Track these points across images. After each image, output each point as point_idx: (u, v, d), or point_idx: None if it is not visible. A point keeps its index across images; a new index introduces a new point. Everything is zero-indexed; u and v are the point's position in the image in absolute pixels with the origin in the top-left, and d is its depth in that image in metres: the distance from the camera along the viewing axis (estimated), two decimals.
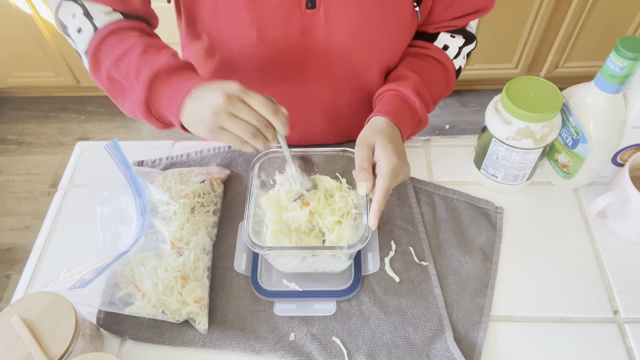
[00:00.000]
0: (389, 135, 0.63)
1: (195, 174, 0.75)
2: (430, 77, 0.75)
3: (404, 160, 0.62)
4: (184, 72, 0.62)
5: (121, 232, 0.68)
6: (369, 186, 0.60)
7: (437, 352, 0.62)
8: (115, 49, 0.63)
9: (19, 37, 1.90)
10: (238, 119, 0.56)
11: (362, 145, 0.62)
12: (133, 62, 0.61)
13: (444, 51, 0.77)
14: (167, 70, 0.60)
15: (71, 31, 0.66)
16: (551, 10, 1.73)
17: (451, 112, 2.14)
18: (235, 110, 0.56)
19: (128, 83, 0.63)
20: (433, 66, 0.76)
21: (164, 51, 0.63)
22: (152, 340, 0.65)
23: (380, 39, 0.70)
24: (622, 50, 0.59)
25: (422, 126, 0.75)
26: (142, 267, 0.65)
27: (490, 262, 0.70)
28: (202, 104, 0.57)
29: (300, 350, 0.63)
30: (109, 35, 0.64)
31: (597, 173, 0.74)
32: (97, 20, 0.64)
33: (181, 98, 0.58)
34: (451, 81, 0.79)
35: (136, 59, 0.61)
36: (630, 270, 0.70)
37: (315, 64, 0.72)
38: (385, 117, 0.67)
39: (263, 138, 0.59)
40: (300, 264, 0.66)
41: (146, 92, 0.60)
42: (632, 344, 0.63)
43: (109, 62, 0.63)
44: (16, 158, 2.08)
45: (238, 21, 0.66)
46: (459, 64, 0.79)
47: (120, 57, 0.62)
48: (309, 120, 0.82)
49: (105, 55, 0.64)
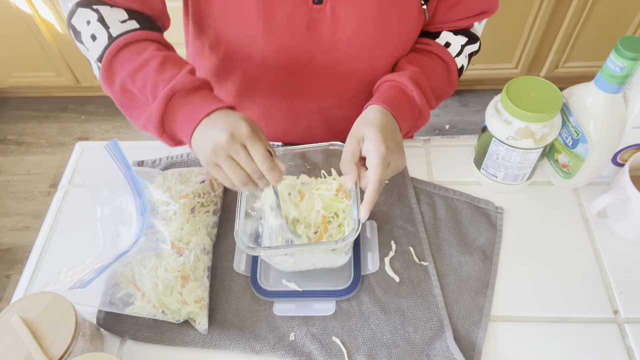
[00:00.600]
0: (379, 125, 0.61)
1: (195, 174, 0.75)
2: (431, 70, 0.74)
3: (395, 149, 0.61)
4: (202, 91, 0.61)
5: (121, 232, 0.68)
6: (353, 179, 0.60)
7: (437, 352, 0.62)
8: (131, 61, 0.62)
9: (19, 37, 1.90)
10: (234, 163, 0.56)
11: (350, 139, 0.62)
12: (150, 76, 0.60)
13: (446, 48, 0.76)
14: (185, 89, 0.60)
15: (84, 38, 0.65)
16: (551, 10, 1.73)
17: (451, 112, 2.14)
18: (234, 155, 0.56)
19: (143, 97, 0.62)
20: (434, 61, 0.76)
21: (181, 67, 0.61)
22: (152, 340, 0.65)
23: (386, 35, 0.70)
24: (622, 50, 0.59)
25: (423, 119, 0.74)
26: (142, 267, 0.65)
27: (490, 262, 0.70)
28: (206, 136, 0.56)
29: (300, 350, 0.63)
30: (125, 46, 0.63)
31: (597, 173, 0.74)
32: (112, 29, 0.63)
33: (196, 121, 0.58)
34: (453, 79, 0.78)
35: (153, 73, 0.60)
36: (630, 270, 0.70)
37: (321, 59, 0.71)
38: (379, 105, 0.65)
39: (253, 186, 0.58)
40: (299, 261, 0.65)
41: (162, 110, 0.59)
42: (632, 344, 0.63)
43: (124, 74, 0.62)
44: (16, 158, 2.08)
45: (245, 14, 0.66)
46: (461, 62, 0.78)
47: (136, 70, 0.61)
48: (311, 115, 0.82)
49: (120, 65, 0.62)
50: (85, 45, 0.65)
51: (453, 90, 0.80)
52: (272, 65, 0.72)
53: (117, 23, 0.63)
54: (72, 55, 1.97)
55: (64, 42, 1.91)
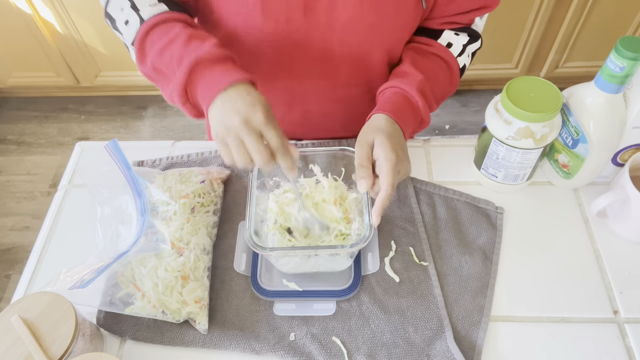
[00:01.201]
0: (388, 133, 0.63)
1: (195, 174, 0.75)
2: (435, 76, 0.75)
3: (403, 157, 0.63)
4: (226, 63, 0.62)
5: (121, 232, 0.68)
6: (369, 183, 0.61)
7: (437, 352, 0.62)
8: (159, 40, 0.64)
9: (19, 37, 1.90)
10: (242, 147, 0.57)
11: (362, 143, 0.63)
12: (176, 51, 0.62)
13: (448, 49, 0.77)
14: (209, 59, 0.60)
15: (119, 24, 0.67)
16: (551, 10, 1.73)
17: (451, 112, 2.14)
18: (245, 138, 0.56)
19: (170, 71, 0.64)
20: (437, 65, 0.77)
21: (207, 40, 0.63)
22: (152, 340, 0.65)
23: (382, 22, 0.70)
24: (622, 50, 0.59)
25: (424, 126, 0.76)
26: (142, 267, 0.65)
27: (490, 262, 0.70)
28: (222, 112, 0.57)
29: (300, 350, 0.63)
30: (154, 26, 0.65)
31: (597, 173, 0.74)
32: (143, 12, 0.65)
33: (215, 93, 0.59)
34: (455, 80, 0.79)
35: (179, 47, 0.62)
36: (630, 270, 0.70)
37: (317, 42, 0.72)
38: (386, 114, 0.67)
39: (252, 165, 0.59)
40: (303, 263, 0.66)
41: (186, 78, 0.60)
42: (632, 344, 0.63)
43: (153, 53, 0.64)
44: (16, 158, 2.08)
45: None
46: (463, 62, 0.79)
47: (164, 47, 0.63)
48: (308, 100, 0.83)
49: (150, 46, 0.65)
50: (120, 32, 0.68)
51: (454, 90, 0.81)
52: (270, 47, 0.73)
53: (147, 7, 0.66)
54: (72, 55, 1.96)
55: (64, 42, 1.91)
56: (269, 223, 0.69)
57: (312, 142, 0.86)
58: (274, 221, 0.69)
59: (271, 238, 0.68)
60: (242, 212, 0.76)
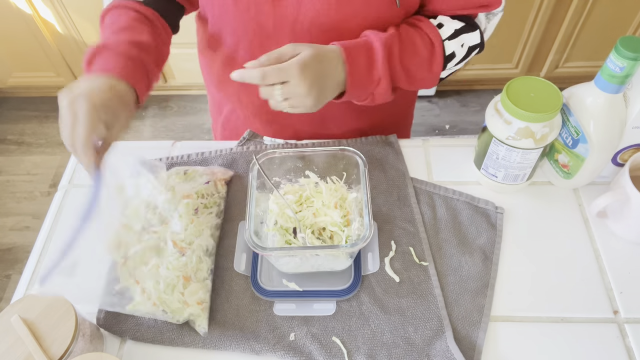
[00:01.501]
0: (317, 53, 0.61)
1: (200, 174, 0.75)
2: (412, 45, 0.69)
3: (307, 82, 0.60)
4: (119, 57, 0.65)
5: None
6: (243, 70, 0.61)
7: (437, 352, 0.62)
8: (111, 24, 0.70)
9: (19, 37, 1.90)
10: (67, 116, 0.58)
11: (287, 47, 0.62)
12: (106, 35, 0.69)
13: (437, 29, 0.71)
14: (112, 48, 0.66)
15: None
16: (551, 10, 1.73)
17: (451, 112, 2.14)
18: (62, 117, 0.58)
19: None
20: (421, 38, 0.70)
21: (127, 34, 0.68)
22: (152, 340, 0.65)
23: (350, 22, 0.69)
24: (622, 50, 0.59)
25: (381, 90, 0.69)
26: (144, 265, 0.65)
27: (490, 262, 0.70)
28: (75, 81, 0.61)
29: (300, 350, 0.63)
30: (112, 8, 0.71)
31: (597, 173, 0.74)
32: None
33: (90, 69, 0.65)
34: (436, 65, 0.71)
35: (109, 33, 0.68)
36: (630, 270, 0.70)
37: (286, 37, 0.71)
38: (335, 45, 0.65)
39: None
40: (303, 263, 0.66)
41: (94, 50, 0.66)
42: (632, 344, 0.63)
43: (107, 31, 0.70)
44: (16, 158, 2.08)
45: None
46: (452, 48, 0.71)
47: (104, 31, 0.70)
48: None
49: (102, 27, 0.72)
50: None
51: (434, 81, 0.74)
52: (244, 39, 0.74)
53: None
54: (72, 55, 1.96)
55: (64, 42, 1.91)
56: (269, 224, 0.69)
57: (312, 142, 0.86)
58: (275, 222, 0.69)
59: (271, 238, 0.68)
60: (242, 212, 0.76)
